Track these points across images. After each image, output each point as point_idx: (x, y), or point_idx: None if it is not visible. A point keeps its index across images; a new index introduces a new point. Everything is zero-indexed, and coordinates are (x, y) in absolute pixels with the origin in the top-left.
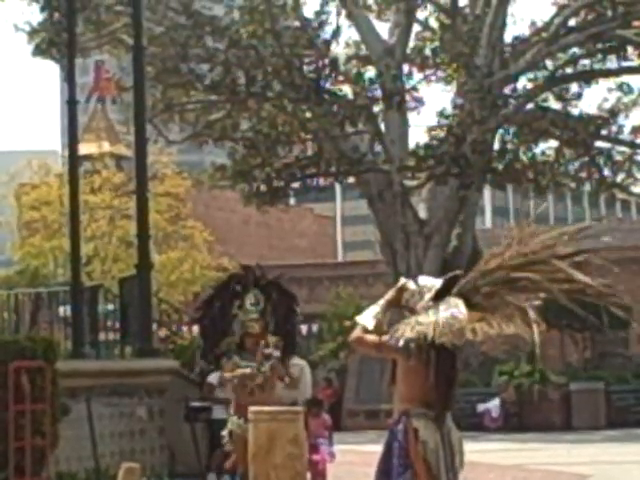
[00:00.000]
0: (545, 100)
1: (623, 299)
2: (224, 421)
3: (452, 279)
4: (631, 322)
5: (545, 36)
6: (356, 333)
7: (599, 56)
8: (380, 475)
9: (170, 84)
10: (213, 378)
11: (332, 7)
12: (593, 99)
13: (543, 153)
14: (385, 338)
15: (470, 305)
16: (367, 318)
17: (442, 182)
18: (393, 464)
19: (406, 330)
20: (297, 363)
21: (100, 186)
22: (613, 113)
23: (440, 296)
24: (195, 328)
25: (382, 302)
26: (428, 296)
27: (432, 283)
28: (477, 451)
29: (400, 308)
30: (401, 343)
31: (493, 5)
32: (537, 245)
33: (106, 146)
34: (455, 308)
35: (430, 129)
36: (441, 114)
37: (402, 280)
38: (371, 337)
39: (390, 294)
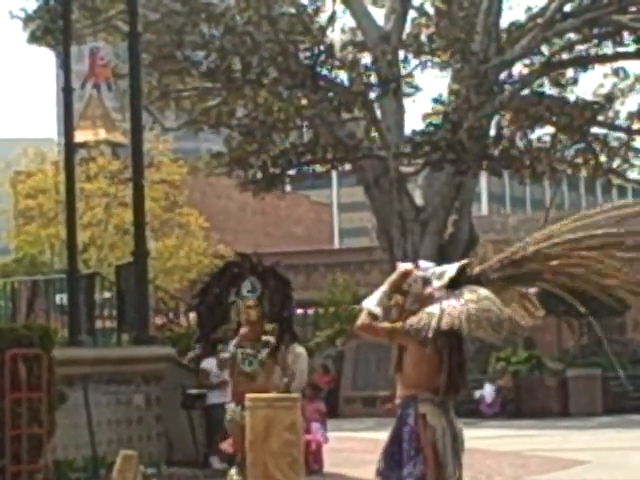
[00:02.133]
0: (541, 86)
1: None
2: (221, 406)
3: (465, 267)
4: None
5: (541, 22)
6: (363, 320)
7: (595, 41)
8: (388, 459)
9: (166, 71)
10: (207, 364)
11: None
12: (589, 85)
13: (539, 139)
14: (399, 325)
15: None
16: (373, 304)
17: (438, 168)
18: (403, 448)
19: (432, 320)
20: (295, 351)
21: (96, 174)
22: (609, 99)
23: (454, 284)
24: (192, 316)
25: (385, 287)
26: (438, 283)
27: (440, 270)
28: (474, 437)
29: (401, 294)
30: (431, 334)
31: None
32: (567, 237)
33: (102, 133)
34: (486, 300)
35: (426, 115)
36: (437, 100)
37: (404, 265)
38: (382, 324)
39: (393, 278)
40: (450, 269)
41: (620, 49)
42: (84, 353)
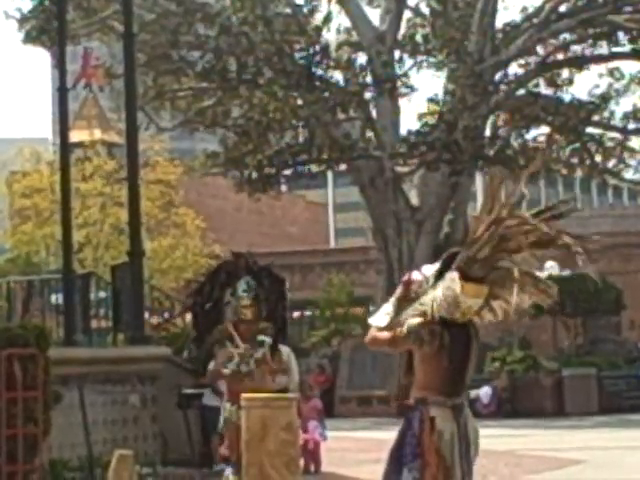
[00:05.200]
0: (536, 86)
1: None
2: (216, 407)
3: (450, 256)
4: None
5: (536, 22)
6: (370, 334)
7: (590, 42)
8: (391, 462)
9: (161, 71)
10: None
11: None
12: (584, 85)
13: (534, 139)
14: (397, 331)
15: (471, 279)
16: (379, 318)
17: (434, 168)
18: (405, 451)
19: (409, 316)
20: (283, 350)
21: (91, 173)
22: (604, 99)
23: (441, 275)
24: (188, 316)
25: (392, 300)
26: (432, 280)
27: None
28: None
29: (411, 302)
30: (404, 329)
31: None
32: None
33: (97, 133)
34: (448, 281)
35: (421, 115)
36: (432, 100)
37: (408, 274)
38: (383, 334)
39: (398, 291)
40: (438, 265)
41: (615, 49)
42: (80, 353)
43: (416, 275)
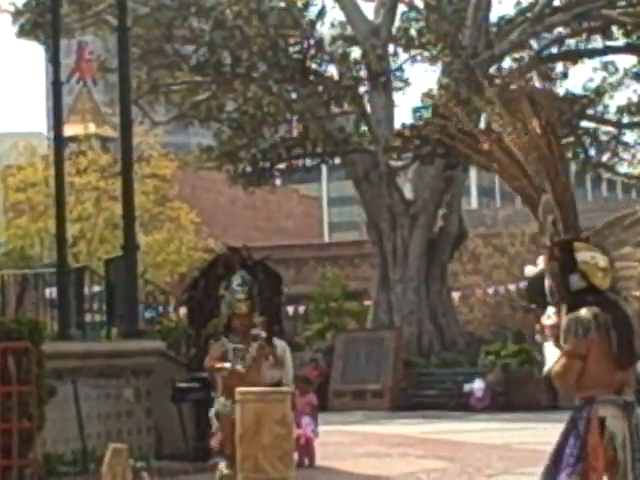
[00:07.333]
0: (530, 80)
1: None
2: None
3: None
4: None
5: (530, 16)
6: (555, 374)
7: (584, 36)
8: (550, 464)
9: (155, 65)
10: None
11: None
12: (578, 79)
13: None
14: (566, 339)
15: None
16: (551, 359)
17: (428, 162)
18: (565, 453)
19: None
20: (278, 344)
21: (86, 167)
22: (598, 93)
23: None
24: (182, 310)
25: (548, 345)
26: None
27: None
28: (464, 431)
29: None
30: (566, 329)
31: None
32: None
33: (92, 127)
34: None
35: (416, 109)
36: (427, 94)
37: (539, 326)
38: (561, 359)
39: (545, 341)
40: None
41: (609, 43)
42: (74, 347)
43: (545, 319)
